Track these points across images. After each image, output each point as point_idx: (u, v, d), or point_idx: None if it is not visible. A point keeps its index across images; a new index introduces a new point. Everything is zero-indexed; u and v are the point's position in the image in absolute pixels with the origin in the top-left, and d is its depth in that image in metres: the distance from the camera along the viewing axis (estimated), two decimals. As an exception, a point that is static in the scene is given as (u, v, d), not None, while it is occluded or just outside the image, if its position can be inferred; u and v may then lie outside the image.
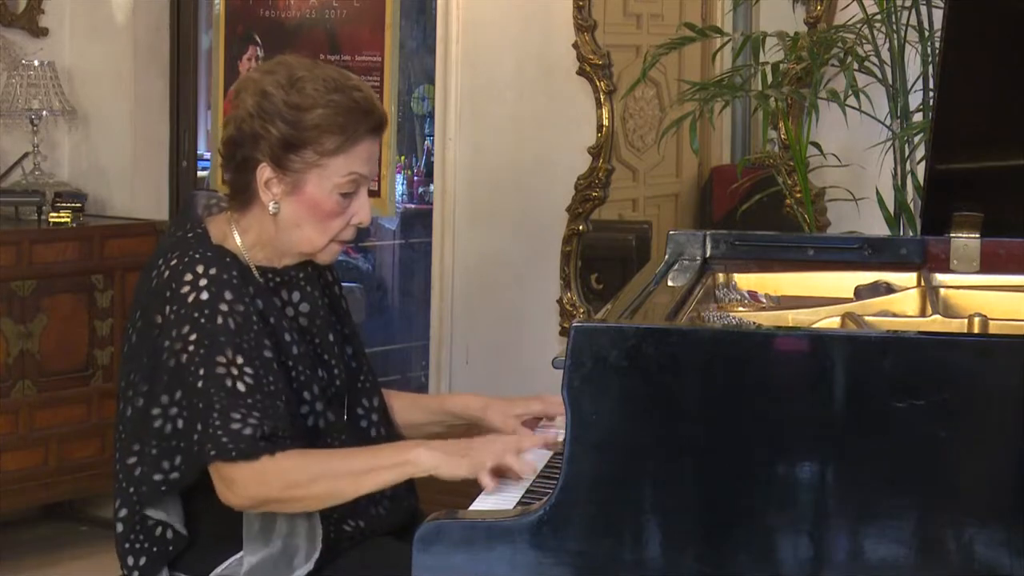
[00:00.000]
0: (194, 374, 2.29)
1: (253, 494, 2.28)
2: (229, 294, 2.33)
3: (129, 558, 2.40)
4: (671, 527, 1.89)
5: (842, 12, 3.75)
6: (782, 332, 1.98)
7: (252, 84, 2.42)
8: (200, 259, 2.36)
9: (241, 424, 2.27)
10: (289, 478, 2.28)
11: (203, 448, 2.28)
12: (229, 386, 2.28)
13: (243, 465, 2.26)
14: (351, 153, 2.39)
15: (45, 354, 4.61)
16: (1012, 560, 1.84)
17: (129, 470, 2.37)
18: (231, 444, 2.26)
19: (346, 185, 2.40)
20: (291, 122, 2.36)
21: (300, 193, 2.39)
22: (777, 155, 3.91)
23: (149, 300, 2.37)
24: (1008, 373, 1.84)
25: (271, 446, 2.27)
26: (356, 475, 2.30)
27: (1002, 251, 2.64)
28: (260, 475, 2.27)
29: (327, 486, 2.29)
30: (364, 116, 2.39)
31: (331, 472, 2.30)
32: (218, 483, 2.30)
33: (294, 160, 2.38)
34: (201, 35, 5.32)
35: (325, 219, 2.41)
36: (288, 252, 2.46)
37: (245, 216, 2.45)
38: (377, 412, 2.58)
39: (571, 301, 4.32)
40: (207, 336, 2.30)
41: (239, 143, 2.41)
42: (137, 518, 2.39)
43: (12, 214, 4.79)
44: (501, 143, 4.45)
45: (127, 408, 2.39)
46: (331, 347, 2.53)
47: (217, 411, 2.27)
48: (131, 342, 2.40)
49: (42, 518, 5.04)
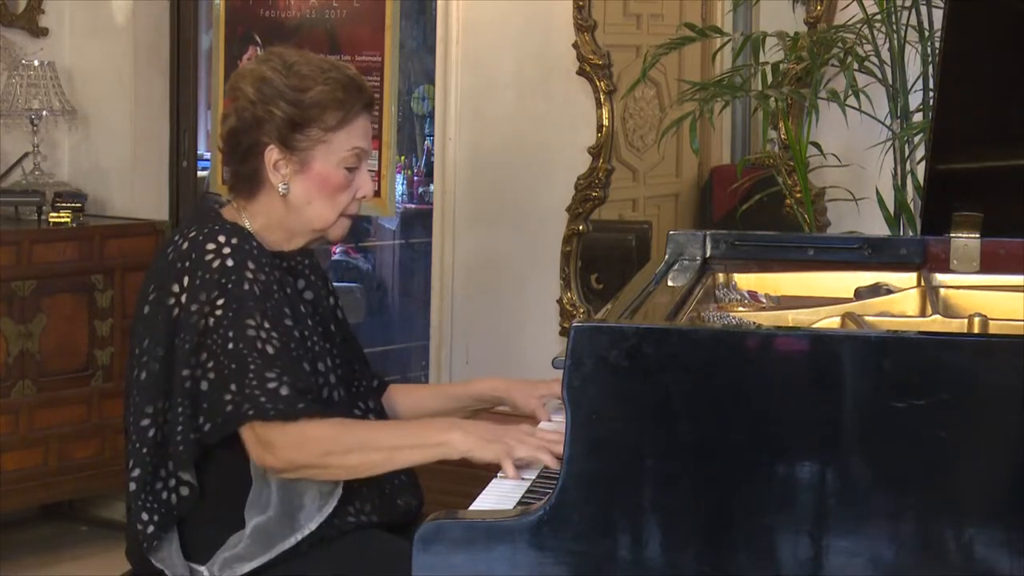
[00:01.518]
0: (223, 336, 2.34)
1: (291, 457, 2.33)
2: (251, 263, 2.40)
3: (143, 514, 2.41)
4: (671, 527, 1.89)
5: (842, 12, 3.75)
6: (782, 332, 1.98)
7: (249, 74, 2.51)
8: (220, 230, 2.43)
9: (277, 383, 2.32)
10: (326, 446, 2.33)
11: (239, 408, 2.31)
12: (260, 348, 2.33)
13: (282, 427, 2.31)
14: (352, 127, 2.49)
15: (45, 354, 4.61)
16: (1012, 560, 1.84)
17: (143, 431, 2.41)
18: (269, 404, 2.31)
19: (350, 159, 2.50)
20: (293, 102, 2.46)
21: (308, 170, 2.48)
22: (777, 155, 3.91)
23: (166, 271, 2.43)
24: (1008, 373, 1.84)
25: (308, 409, 2.33)
26: (391, 450, 2.35)
27: (1002, 251, 2.64)
28: (299, 439, 2.31)
29: (362, 457, 2.34)
30: (358, 91, 2.51)
31: (368, 444, 2.35)
32: (253, 445, 2.34)
33: (300, 139, 2.47)
34: (201, 35, 5.32)
35: (334, 193, 2.50)
36: (300, 232, 2.54)
37: (252, 203, 2.52)
38: (375, 414, 2.61)
39: (571, 301, 4.32)
40: (235, 300, 2.36)
41: (243, 131, 2.49)
42: (149, 479, 2.41)
43: (12, 214, 4.79)
44: (501, 143, 4.45)
45: (140, 372, 2.43)
46: (333, 337, 2.59)
47: (252, 371, 2.32)
48: (144, 312, 2.45)
49: (42, 518, 5.04)
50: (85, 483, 4.75)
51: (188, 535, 2.45)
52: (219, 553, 2.41)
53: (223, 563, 2.40)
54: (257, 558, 2.39)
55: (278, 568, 2.41)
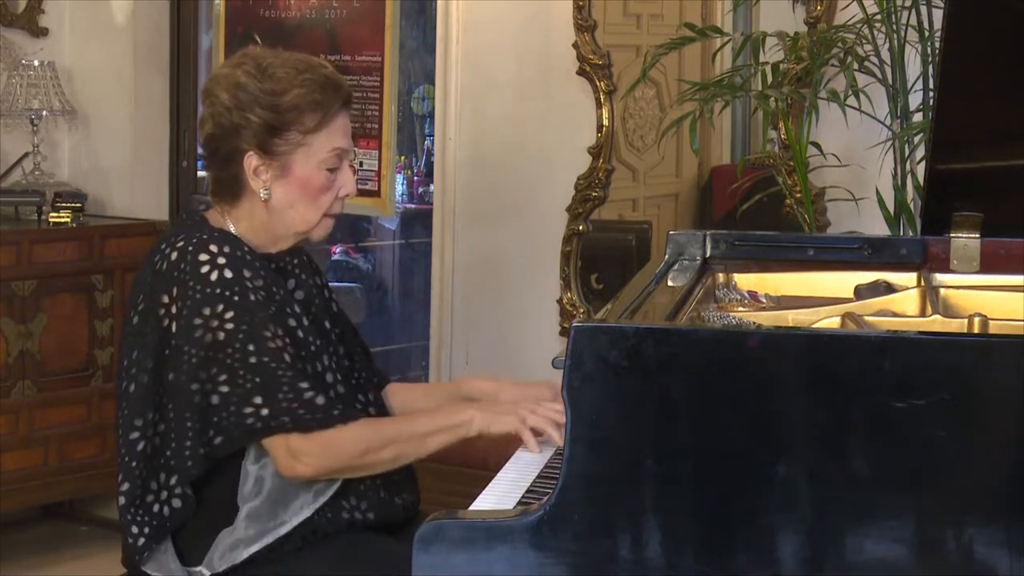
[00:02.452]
0: (242, 350, 2.33)
1: (324, 464, 2.35)
2: (247, 271, 2.40)
3: (133, 527, 2.41)
4: (671, 527, 1.89)
5: (842, 12, 3.75)
6: (782, 332, 1.98)
7: (223, 79, 2.48)
8: (210, 239, 2.41)
9: (313, 393, 2.34)
10: (362, 446, 2.37)
11: (270, 421, 2.32)
12: (285, 360, 2.34)
13: (317, 435, 2.33)
14: (331, 128, 2.47)
15: (45, 354, 4.61)
16: (1012, 560, 1.84)
17: (131, 445, 2.40)
18: (308, 414, 2.32)
19: (331, 160, 2.48)
20: (270, 107, 2.44)
21: (289, 175, 2.46)
22: (777, 155, 3.91)
23: (154, 281, 2.41)
24: (1008, 373, 1.84)
25: (344, 414, 2.36)
26: (420, 437, 2.41)
27: (1002, 251, 2.64)
28: (334, 444, 2.34)
29: (396, 450, 2.40)
30: (335, 91, 2.48)
31: (399, 436, 2.40)
32: (283, 456, 2.34)
33: (279, 144, 2.45)
34: (201, 35, 5.32)
35: (316, 195, 2.49)
36: (283, 235, 2.52)
37: (235, 208, 2.51)
38: (375, 407, 2.61)
39: (571, 301, 4.32)
40: (246, 312, 2.35)
41: (221, 137, 2.47)
42: (138, 492, 2.41)
43: (12, 214, 4.79)
44: (501, 143, 4.45)
45: (129, 384, 2.41)
46: (329, 334, 2.58)
47: (286, 383, 2.32)
48: (132, 323, 2.43)
49: (42, 518, 5.04)
50: (85, 483, 4.74)
51: (184, 540, 2.44)
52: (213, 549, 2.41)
53: (222, 551, 2.40)
54: (256, 541, 2.39)
55: (272, 567, 2.41)
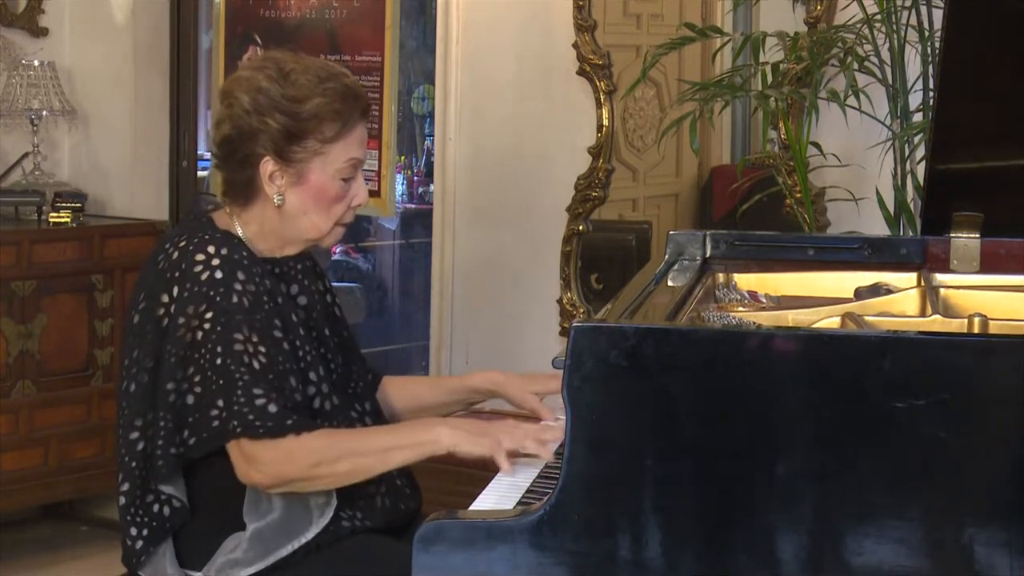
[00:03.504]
0: (211, 351, 2.32)
1: (277, 472, 2.31)
2: (242, 274, 2.38)
3: (132, 529, 2.41)
4: (671, 527, 1.89)
5: (842, 12, 3.75)
6: (782, 332, 1.98)
7: (244, 82, 2.46)
8: (210, 240, 2.40)
9: (265, 400, 2.30)
10: (314, 457, 2.31)
11: (227, 425, 2.30)
12: (247, 363, 2.31)
13: (268, 443, 2.29)
14: (349, 138, 2.46)
15: (45, 354, 4.61)
16: (1012, 560, 1.84)
17: (131, 445, 2.39)
18: (258, 421, 2.29)
19: (347, 170, 2.47)
20: (290, 113, 2.42)
21: (305, 182, 2.45)
22: (777, 155, 3.91)
23: (156, 281, 2.40)
24: (1008, 373, 1.84)
25: (296, 425, 2.30)
26: (380, 452, 2.34)
27: (1002, 251, 2.64)
28: (286, 454, 2.29)
29: (352, 464, 2.33)
30: (355, 101, 2.47)
31: (356, 450, 2.34)
32: (239, 461, 2.32)
33: (296, 151, 2.43)
34: (201, 35, 5.32)
35: (330, 204, 2.48)
36: (293, 240, 2.52)
37: (246, 211, 2.50)
38: (371, 416, 2.60)
39: (571, 301, 4.32)
40: (223, 314, 2.33)
41: (238, 140, 2.45)
42: (138, 492, 2.40)
43: (12, 214, 4.79)
44: (501, 143, 4.45)
45: (130, 384, 2.41)
46: (328, 341, 2.56)
47: (240, 388, 2.30)
48: (133, 322, 2.43)
49: (42, 518, 5.04)
50: (85, 483, 4.75)
51: (182, 543, 2.44)
52: (216, 557, 2.40)
53: (220, 567, 2.39)
54: (254, 564, 2.38)
55: (275, 574, 2.40)
